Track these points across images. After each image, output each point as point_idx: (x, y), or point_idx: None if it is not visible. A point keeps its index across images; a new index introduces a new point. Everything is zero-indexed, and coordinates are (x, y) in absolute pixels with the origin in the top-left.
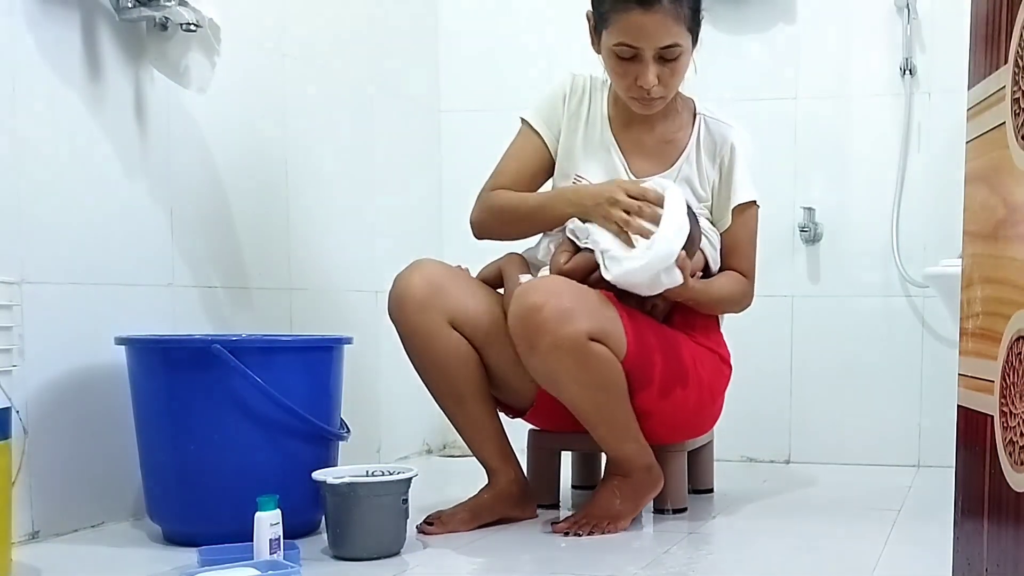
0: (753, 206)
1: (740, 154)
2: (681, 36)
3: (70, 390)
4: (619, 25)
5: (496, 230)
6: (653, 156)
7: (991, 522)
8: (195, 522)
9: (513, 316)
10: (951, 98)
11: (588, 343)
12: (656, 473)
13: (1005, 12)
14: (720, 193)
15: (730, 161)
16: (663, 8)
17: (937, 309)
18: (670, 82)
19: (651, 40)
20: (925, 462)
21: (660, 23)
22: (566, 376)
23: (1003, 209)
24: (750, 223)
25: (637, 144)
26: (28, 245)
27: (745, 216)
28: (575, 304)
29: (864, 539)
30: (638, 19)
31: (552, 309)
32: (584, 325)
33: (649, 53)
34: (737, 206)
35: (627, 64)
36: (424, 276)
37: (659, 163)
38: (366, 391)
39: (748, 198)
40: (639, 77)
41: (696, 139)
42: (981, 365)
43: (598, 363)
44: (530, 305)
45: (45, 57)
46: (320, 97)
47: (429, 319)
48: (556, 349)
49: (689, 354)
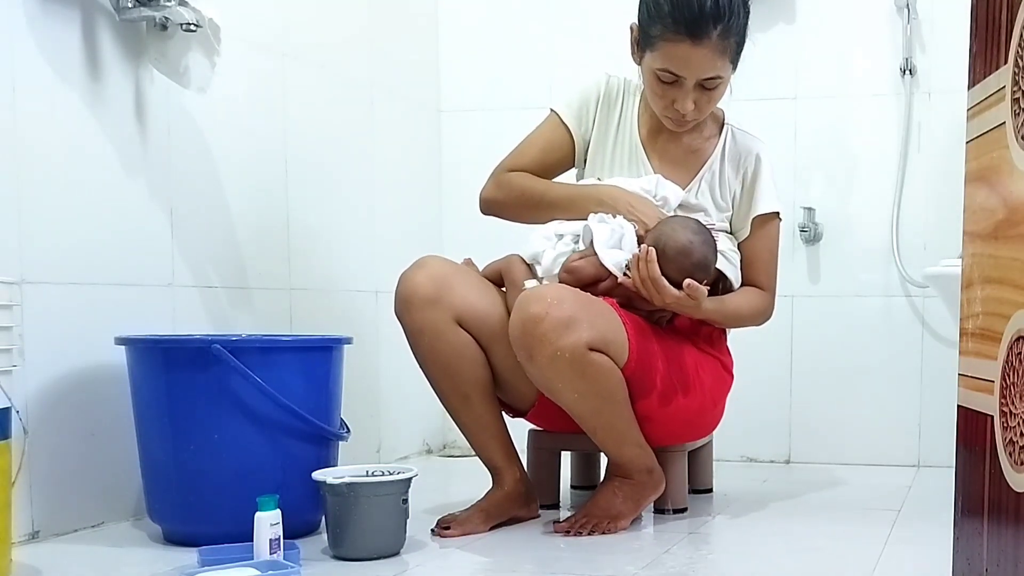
0: (775, 219)
1: (765, 166)
2: (724, 69)
3: (70, 390)
4: (665, 51)
5: (508, 210)
6: (679, 164)
7: (991, 522)
8: (195, 522)
9: (513, 325)
10: (951, 98)
11: (587, 354)
12: (657, 475)
13: (1005, 12)
14: (741, 204)
15: (754, 172)
16: (712, 43)
17: (937, 309)
18: (706, 108)
19: (695, 72)
20: (925, 462)
21: (706, 57)
22: (564, 385)
23: (1003, 209)
24: (771, 235)
25: (664, 152)
26: (28, 245)
27: (766, 228)
28: (576, 313)
29: (864, 539)
30: (686, 51)
31: (552, 320)
32: (585, 335)
33: (691, 83)
34: (758, 217)
35: (667, 87)
36: (430, 274)
37: (684, 171)
38: (366, 391)
39: (770, 209)
40: (677, 101)
41: (722, 150)
42: (981, 365)
43: (597, 373)
44: (531, 315)
45: (45, 57)
46: (320, 97)
47: (436, 317)
48: (555, 360)
49: (692, 361)
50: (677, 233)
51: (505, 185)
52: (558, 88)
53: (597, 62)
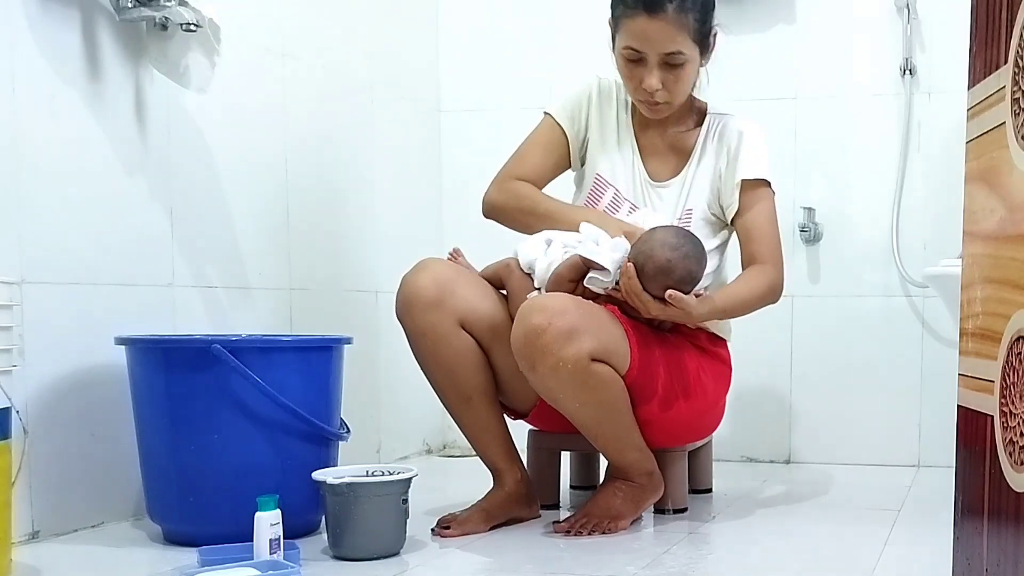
0: (764, 187)
1: (748, 138)
2: (685, 45)
3: (70, 390)
4: (627, 29)
5: (510, 219)
6: (665, 157)
7: (991, 522)
8: (195, 522)
9: (515, 335)
10: (951, 98)
11: (590, 364)
12: (657, 479)
13: (1005, 12)
14: (726, 177)
15: (737, 145)
16: (667, 17)
17: (937, 309)
18: (674, 88)
19: (655, 46)
20: (925, 462)
21: (663, 30)
22: (567, 395)
23: (1003, 209)
24: (763, 205)
25: (652, 146)
26: (28, 245)
27: (756, 197)
28: (579, 324)
29: (864, 539)
30: (643, 25)
31: (555, 331)
32: (587, 346)
33: (653, 58)
34: (745, 184)
35: (633, 67)
36: (433, 276)
37: (671, 165)
38: (366, 391)
39: (755, 175)
40: (644, 80)
41: (704, 138)
42: (981, 365)
43: (598, 383)
44: (533, 326)
45: (45, 57)
46: (320, 97)
47: (439, 320)
48: (557, 371)
49: (694, 365)
50: (655, 252)
51: (512, 194)
52: (558, 88)
53: (597, 62)
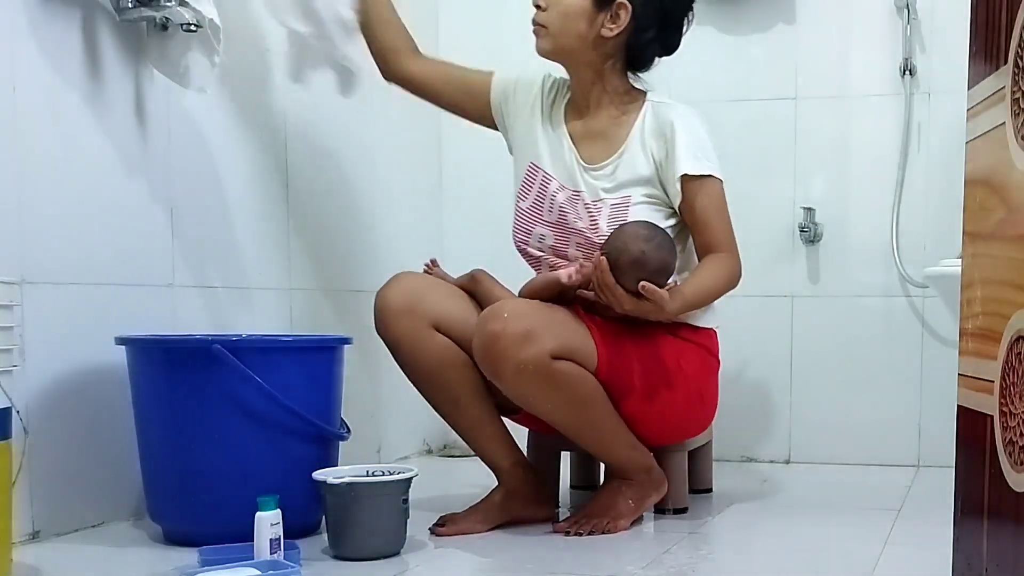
0: (707, 180)
1: (680, 129)
2: None
3: (70, 390)
4: None
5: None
6: (600, 141)
7: (991, 522)
8: (195, 522)
9: (475, 345)
10: (951, 98)
11: (552, 363)
12: (657, 475)
13: (1005, 12)
14: (666, 167)
15: (671, 138)
16: None
17: (937, 309)
18: (552, 11)
19: None
20: (925, 462)
21: None
22: (536, 397)
23: (1003, 209)
24: (708, 196)
25: (586, 132)
26: (28, 245)
27: (699, 188)
28: (534, 325)
29: (864, 539)
30: None
31: (510, 335)
32: (548, 345)
33: None
34: (687, 179)
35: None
36: (402, 286)
37: (606, 148)
38: (366, 391)
39: (692, 171)
40: None
41: (641, 124)
42: (981, 365)
43: (565, 381)
44: (489, 333)
45: (45, 57)
46: (320, 97)
47: (411, 325)
48: (519, 373)
49: (672, 354)
50: (629, 244)
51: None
52: None
53: None
